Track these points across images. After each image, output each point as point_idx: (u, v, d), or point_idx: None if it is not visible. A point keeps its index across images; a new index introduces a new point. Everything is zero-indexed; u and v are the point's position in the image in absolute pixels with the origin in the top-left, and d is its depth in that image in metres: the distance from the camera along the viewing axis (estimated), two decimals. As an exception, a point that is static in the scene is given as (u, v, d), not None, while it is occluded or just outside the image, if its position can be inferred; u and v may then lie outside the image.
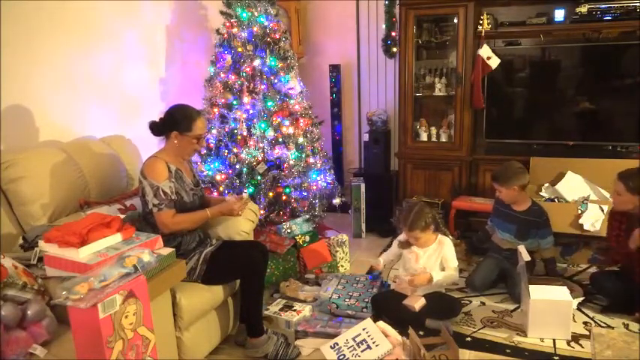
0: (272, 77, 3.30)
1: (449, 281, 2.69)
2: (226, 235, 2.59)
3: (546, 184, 3.51)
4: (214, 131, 3.34)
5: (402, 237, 2.75)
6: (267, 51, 3.30)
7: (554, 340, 2.47)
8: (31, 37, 2.54)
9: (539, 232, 2.93)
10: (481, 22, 3.66)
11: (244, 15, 3.27)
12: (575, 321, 2.60)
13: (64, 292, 1.50)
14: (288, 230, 3.22)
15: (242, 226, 2.61)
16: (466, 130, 3.84)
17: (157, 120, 2.37)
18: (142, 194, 2.29)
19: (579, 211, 3.17)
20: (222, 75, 3.31)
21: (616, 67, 3.58)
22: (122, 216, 2.35)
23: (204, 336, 2.34)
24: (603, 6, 3.39)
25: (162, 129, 2.34)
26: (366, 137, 4.21)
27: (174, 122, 2.31)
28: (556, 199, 3.36)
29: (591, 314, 2.70)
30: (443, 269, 2.67)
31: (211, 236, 2.56)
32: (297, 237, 3.19)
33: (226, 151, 3.31)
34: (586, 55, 3.66)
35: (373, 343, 2.21)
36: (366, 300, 2.77)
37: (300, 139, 3.37)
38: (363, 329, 2.28)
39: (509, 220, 2.98)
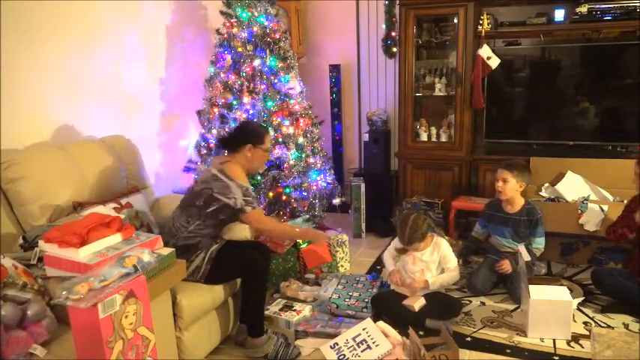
0: (272, 77, 3.30)
1: (450, 281, 2.70)
2: (229, 237, 2.60)
3: (546, 184, 3.51)
4: (214, 131, 3.34)
5: (398, 244, 2.74)
6: (267, 51, 3.30)
7: (554, 340, 2.46)
8: (32, 37, 2.54)
9: (532, 231, 2.94)
10: (481, 22, 3.66)
11: (244, 15, 3.27)
12: (575, 321, 2.59)
13: (64, 292, 1.50)
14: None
15: (245, 232, 2.67)
16: (466, 130, 3.84)
17: (227, 135, 2.53)
18: (219, 192, 2.28)
19: (579, 211, 3.17)
20: (222, 75, 3.31)
21: (616, 67, 3.58)
22: (121, 215, 2.35)
23: (204, 336, 2.34)
24: (603, 6, 3.39)
25: (235, 142, 2.45)
26: (366, 137, 4.21)
27: (248, 136, 2.44)
28: (556, 199, 3.36)
29: (591, 314, 2.70)
30: (443, 270, 2.67)
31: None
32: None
33: (226, 151, 3.30)
34: (586, 55, 3.66)
35: (373, 343, 2.21)
36: (366, 300, 2.77)
37: (300, 139, 3.37)
38: (363, 329, 2.28)
39: (504, 223, 2.98)
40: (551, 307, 2.44)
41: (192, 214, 2.35)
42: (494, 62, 3.69)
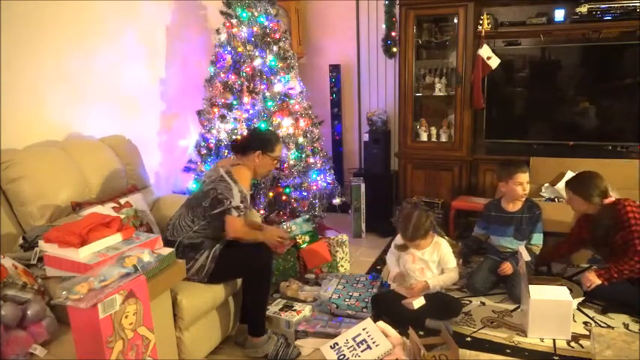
0: (272, 77, 3.30)
1: (450, 282, 2.70)
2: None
3: (546, 184, 3.51)
4: (214, 131, 3.34)
5: (398, 241, 2.74)
6: (267, 51, 3.30)
7: (554, 340, 2.46)
8: (32, 36, 2.54)
9: (532, 227, 2.94)
10: (481, 22, 3.66)
11: (244, 15, 3.27)
12: (575, 321, 2.59)
13: (64, 292, 1.50)
14: (288, 230, 3.21)
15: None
16: (466, 130, 3.84)
17: (238, 140, 2.55)
18: (222, 193, 2.28)
19: (579, 211, 3.16)
20: (222, 75, 3.31)
21: (616, 67, 3.58)
22: (121, 215, 2.35)
23: (204, 336, 2.34)
24: (603, 6, 3.39)
25: (246, 147, 2.45)
26: (366, 137, 4.21)
27: (259, 142, 2.45)
28: (556, 199, 3.36)
29: (591, 314, 2.70)
30: (442, 270, 2.67)
31: None
32: (297, 237, 3.19)
33: (226, 151, 3.31)
34: (586, 55, 3.66)
35: (373, 343, 2.21)
36: (366, 300, 2.77)
37: (300, 139, 3.37)
38: (363, 329, 2.28)
39: (506, 223, 2.98)
40: (551, 307, 2.44)
41: (197, 215, 2.37)
42: (494, 62, 3.69)
